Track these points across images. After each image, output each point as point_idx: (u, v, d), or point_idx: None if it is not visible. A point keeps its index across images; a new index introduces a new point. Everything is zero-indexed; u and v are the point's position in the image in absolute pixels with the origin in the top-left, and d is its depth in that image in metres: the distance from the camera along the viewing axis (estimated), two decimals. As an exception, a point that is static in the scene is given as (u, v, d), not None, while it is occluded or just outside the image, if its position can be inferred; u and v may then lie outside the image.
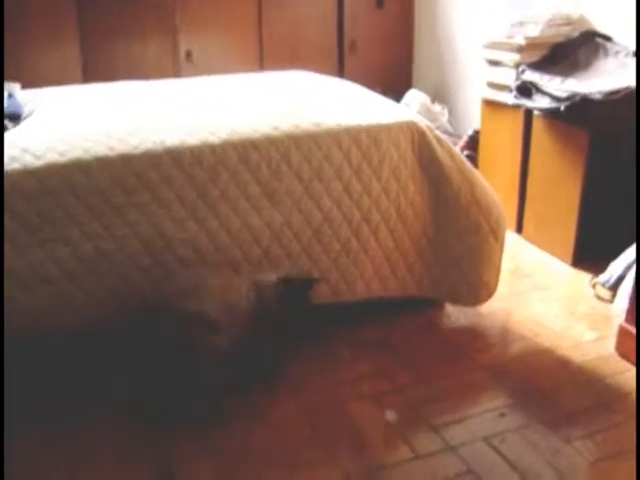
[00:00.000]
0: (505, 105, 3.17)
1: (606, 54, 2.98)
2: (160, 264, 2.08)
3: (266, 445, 1.86)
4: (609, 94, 2.63)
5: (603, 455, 1.82)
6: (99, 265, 2.02)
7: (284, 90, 2.81)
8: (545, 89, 2.87)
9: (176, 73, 4.01)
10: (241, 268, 2.16)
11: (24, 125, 2.30)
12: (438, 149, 2.33)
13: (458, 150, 2.49)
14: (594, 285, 2.65)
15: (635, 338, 2.17)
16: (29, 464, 1.79)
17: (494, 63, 3.28)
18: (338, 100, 2.58)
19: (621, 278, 2.55)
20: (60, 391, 2.03)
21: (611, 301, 2.57)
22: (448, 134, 3.83)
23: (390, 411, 1.97)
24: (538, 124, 2.98)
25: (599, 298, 2.62)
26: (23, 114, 2.41)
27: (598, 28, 3.14)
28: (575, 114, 2.71)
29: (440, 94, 4.41)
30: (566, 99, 2.73)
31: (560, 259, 2.94)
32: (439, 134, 2.39)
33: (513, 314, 2.54)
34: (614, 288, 2.56)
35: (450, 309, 2.55)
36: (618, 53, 2.94)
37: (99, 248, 2.02)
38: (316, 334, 2.30)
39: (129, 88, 2.90)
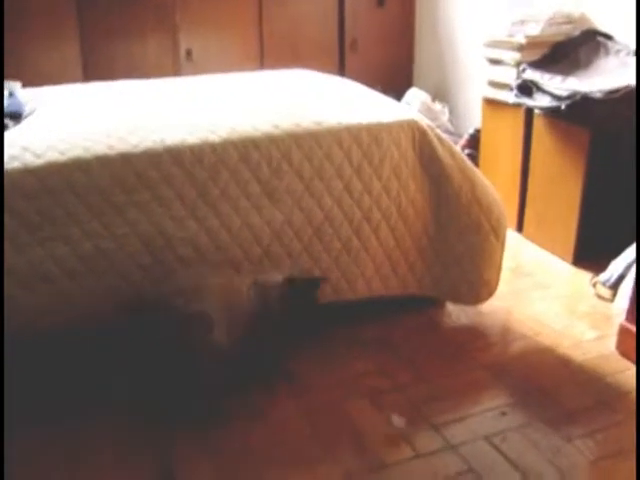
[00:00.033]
0: (506, 104, 3.16)
1: (607, 53, 2.98)
2: (160, 263, 2.08)
3: (266, 444, 1.86)
4: (610, 93, 2.63)
5: (604, 454, 1.82)
6: (99, 264, 2.02)
7: (285, 89, 2.80)
8: (546, 88, 2.87)
9: (176, 72, 4.01)
10: (242, 267, 2.16)
11: (25, 124, 2.30)
12: (439, 148, 2.32)
13: (459, 149, 2.49)
14: (595, 284, 2.65)
15: (635, 337, 2.17)
16: (29, 464, 1.78)
17: (495, 62, 3.28)
18: (339, 99, 2.57)
19: (621, 277, 2.55)
20: (60, 391, 2.02)
21: (612, 300, 2.57)
22: (449, 133, 3.83)
23: (397, 416, 1.95)
24: (539, 123, 2.98)
25: (600, 297, 2.62)
26: (24, 113, 2.41)
27: (599, 27, 3.14)
28: (576, 113, 2.71)
29: (441, 93, 4.41)
30: (567, 98, 2.73)
31: (561, 258, 2.93)
32: (440, 133, 2.39)
33: (514, 313, 2.54)
34: (614, 287, 2.56)
35: (451, 308, 2.55)
36: (619, 52, 2.93)
37: (99, 247, 2.01)
38: (317, 333, 2.30)
39: (129, 87, 2.89)
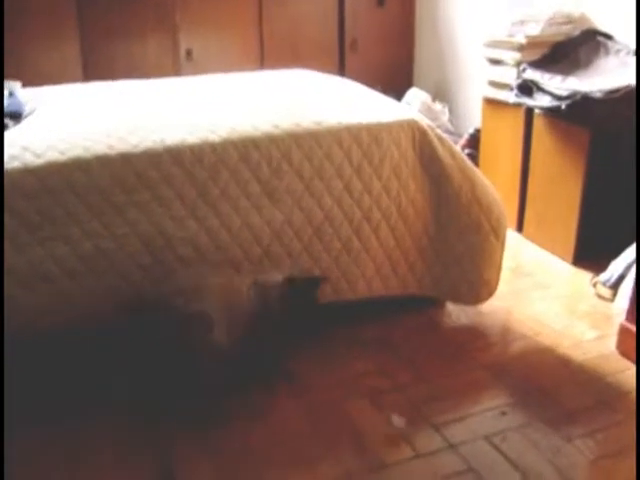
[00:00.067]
0: (506, 104, 3.16)
1: (607, 53, 2.98)
2: (160, 263, 2.08)
3: (266, 444, 1.85)
4: (610, 93, 2.63)
5: (604, 454, 1.82)
6: (99, 264, 2.02)
7: (285, 88, 2.80)
8: (546, 88, 2.87)
9: (176, 72, 4.00)
10: (242, 267, 2.16)
11: (25, 123, 2.30)
12: (439, 148, 2.32)
13: (459, 149, 2.49)
14: (595, 284, 2.65)
15: (635, 337, 2.17)
16: (29, 463, 1.78)
17: (495, 62, 3.28)
18: (339, 98, 2.57)
19: (622, 277, 2.55)
20: (60, 391, 2.02)
21: (612, 300, 2.57)
22: (449, 133, 3.83)
23: (397, 416, 1.95)
24: (539, 123, 2.98)
25: (600, 297, 2.62)
26: (24, 113, 2.41)
27: (599, 27, 3.13)
28: (576, 113, 2.71)
29: (441, 93, 4.41)
30: (567, 98, 2.72)
31: (561, 258, 2.93)
32: (440, 133, 2.39)
33: (514, 313, 2.54)
34: (615, 287, 2.56)
35: (451, 308, 2.55)
36: (619, 52, 2.93)
37: (99, 247, 2.01)
38: (317, 333, 2.30)
39: (129, 87, 2.89)
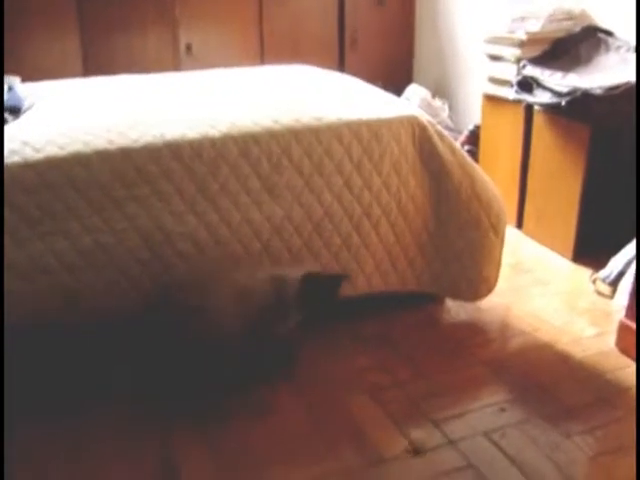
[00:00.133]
0: (506, 100, 3.16)
1: (607, 49, 2.98)
2: (159, 258, 2.07)
3: (267, 440, 1.85)
4: (610, 89, 2.62)
5: (603, 450, 1.82)
6: (98, 258, 2.02)
7: (285, 84, 2.80)
8: (546, 84, 2.87)
9: (176, 66, 4.00)
10: (263, 262, 2.16)
11: (24, 118, 2.30)
12: (439, 144, 2.32)
13: (459, 145, 2.49)
14: (594, 281, 2.65)
15: (635, 334, 2.17)
16: (30, 455, 1.78)
17: (495, 58, 3.27)
18: (339, 94, 2.57)
19: (621, 274, 2.55)
20: (61, 383, 2.02)
21: (611, 297, 2.57)
22: (449, 129, 3.82)
23: (414, 429, 1.89)
24: (539, 119, 2.98)
25: (599, 294, 2.62)
26: (23, 107, 2.41)
27: (599, 23, 3.13)
28: (576, 109, 2.71)
29: (441, 89, 4.40)
30: (567, 94, 2.72)
31: (560, 254, 2.93)
32: (440, 129, 2.39)
33: (513, 309, 2.54)
34: (614, 284, 2.56)
35: (450, 304, 2.55)
36: (619, 48, 2.93)
37: (98, 241, 2.01)
38: (317, 329, 2.30)
39: (129, 81, 2.89)
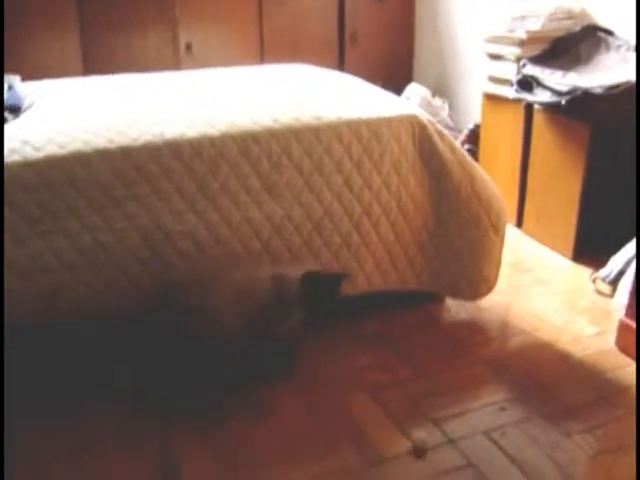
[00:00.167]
0: (506, 99, 3.16)
1: (607, 48, 2.98)
2: (159, 256, 2.07)
3: (267, 439, 1.86)
4: (610, 88, 2.62)
5: (603, 449, 1.82)
6: (98, 257, 2.02)
7: (284, 83, 2.80)
8: (546, 83, 2.87)
9: (176, 65, 4.00)
10: (264, 260, 2.16)
11: (24, 117, 2.30)
12: (439, 143, 2.32)
13: (459, 144, 2.49)
14: (594, 280, 2.65)
15: (635, 333, 2.17)
16: (30, 452, 1.79)
17: (495, 57, 3.27)
18: (339, 93, 2.57)
19: (621, 273, 2.55)
20: (61, 383, 2.02)
21: (611, 296, 2.57)
22: (449, 128, 3.82)
23: (416, 429, 1.88)
24: (539, 118, 2.98)
25: (599, 293, 2.62)
26: (23, 106, 2.41)
27: (600, 22, 3.13)
28: (576, 108, 2.71)
29: (441, 88, 4.40)
30: (567, 93, 2.72)
31: (560, 253, 2.93)
32: (440, 128, 2.38)
33: (513, 308, 2.54)
34: (614, 283, 2.56)
35: (450, 303, 2.55)
36: (619, 47, 2.93)
37: (98, 240, 2.01)
38: (317, 328, 2.30)
39: (129, 80, 2.89)
